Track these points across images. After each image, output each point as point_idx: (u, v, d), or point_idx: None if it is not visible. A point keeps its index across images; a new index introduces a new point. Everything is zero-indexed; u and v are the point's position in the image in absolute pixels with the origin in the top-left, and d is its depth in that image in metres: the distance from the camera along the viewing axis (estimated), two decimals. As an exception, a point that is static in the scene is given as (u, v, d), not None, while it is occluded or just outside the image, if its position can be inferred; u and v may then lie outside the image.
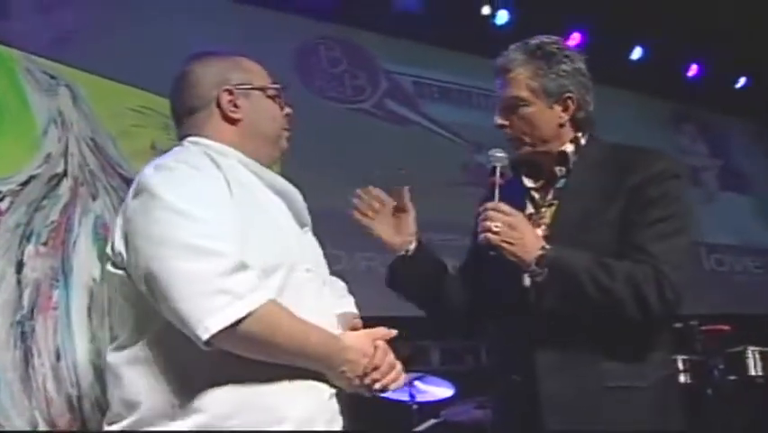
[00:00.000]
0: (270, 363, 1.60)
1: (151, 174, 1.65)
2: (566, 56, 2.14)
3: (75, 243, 2.29)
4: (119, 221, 1.68)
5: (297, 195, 1.86)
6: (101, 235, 2.34)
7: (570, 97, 2.12)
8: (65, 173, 2.34)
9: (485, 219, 2.00)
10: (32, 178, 2.26)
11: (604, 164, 2.12)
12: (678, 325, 4.40)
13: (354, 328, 1.82)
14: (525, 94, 2.11)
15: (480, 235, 2.00)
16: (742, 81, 6.88)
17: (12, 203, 2.20)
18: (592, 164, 2.13)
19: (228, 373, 1.57)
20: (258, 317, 1.54)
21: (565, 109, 2.13)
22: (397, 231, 2.21)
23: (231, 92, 1.83)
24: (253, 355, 1.58)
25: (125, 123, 2.53)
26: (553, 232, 2.07)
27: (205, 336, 1.49)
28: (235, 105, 1.83)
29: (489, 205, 2.02)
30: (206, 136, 1.81)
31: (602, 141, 2.20)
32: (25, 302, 2.15)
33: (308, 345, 1.62)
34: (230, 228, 1.60)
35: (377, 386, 1.68)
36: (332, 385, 1.69)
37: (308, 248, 1.85)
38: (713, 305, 5.36)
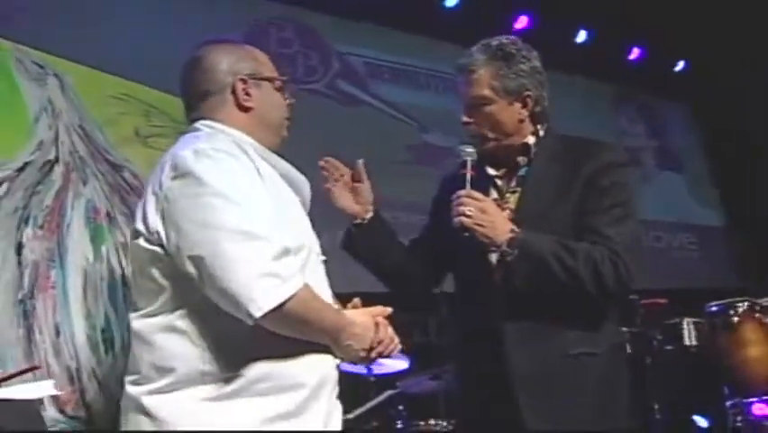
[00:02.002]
0: (289, 337, 1.79)
1: (194, 159, 1.78)
2: (524, 56, 2.40)
3: (69, 226, 2.47)
4: (152, 199, 1.81)
5: (305, 183, 2.03)
6: (92, 219, 2.53)
7: (528, 95, 2.38)
8: (57, 159, 2.52)
9: (459, 205, 2.26)
10: (26, 164, 2.44)
11: (560, 154, 2.39)
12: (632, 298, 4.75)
13: (354, 306, 2.01)
14: (487, 93, 2.36)
15: (455, 219, 2.25)
16: (680, 65, 7.19)
17: (9, 188, 2.37)
18: (550, 155, 2.39)
19: (256, 345, 1.76)
20: (298, 298, 1.73)
21: (524, 106, 2.39)
22: (356, 201, 2.47)
23: (245, 81, 1.98)
24: (286, 332, 1.77)
25: (110, 111, 2.71)
26: (518, 217, 2.33)
27: (258, 315, 1.67)
28: (248, 94, 1.98)
29: (462, 192, 2.27)
30: (220, 121, 1.96)
31: (557, 132, 2.48)
32: (26, 282, 2.33)
33: (326, 322, 1.83)
34: (270, 214, 1.77)
35: (377, 356, 1.89)
36: (335, 356, 1.90)
37: (313, 232, 2.03)
38: (652, 280, 5.70)
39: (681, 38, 6.59)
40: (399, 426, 4.33)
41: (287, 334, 1.78)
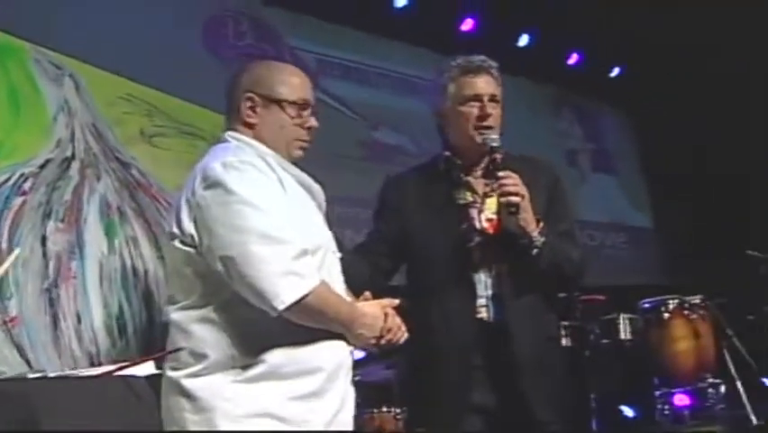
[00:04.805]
0: (307, 326, 2.08)
1: (223, 171, 2.06)
2: None
3: (86, 220, 2.72)
4: (185, 206, 2.10)
5: (319, 190, 2.32)
6: (106, 213, 2.78)
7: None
8: (73, 156, 2.75)
9: (514, 184, 2.50)
10: (48, 161, 2.67)
11: (515, 166, 2.65)
12: (562, 295, 5.16)
13: (366, 299, 2.31)
14: (499, 94, 2.72)
15: (506, 198, 2.50)
16: (616, 71, 7.61)
17: (33, 184, 2.60)
18: (510, 165, 2.63)
19: (279, 334, 2.06)
20: (316, 293, 2.05)
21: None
22: None
23: (252, 99, 2.23)
24: (305, 322, 2.07)
25: (118, 110, 2.93)
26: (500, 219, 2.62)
27: (281, 308, 1.99)
28: (254, 111, 2.23)
29: (510, 174, 2.52)
30: (238, 132, 2.24)
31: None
32: (51, 272, 2.57)
33: (341, 314, 2.14)
34: (290, 220, 2.07)
35: (386, 343, 2.21)
36: (349, 343, 2.20)
37: (330, 233, 2.33)
38: (587, 277, 6.12)
39: (616, 44, 6.98)
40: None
41: (306, 324, 2.09)
